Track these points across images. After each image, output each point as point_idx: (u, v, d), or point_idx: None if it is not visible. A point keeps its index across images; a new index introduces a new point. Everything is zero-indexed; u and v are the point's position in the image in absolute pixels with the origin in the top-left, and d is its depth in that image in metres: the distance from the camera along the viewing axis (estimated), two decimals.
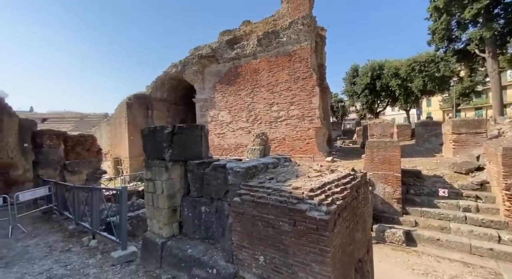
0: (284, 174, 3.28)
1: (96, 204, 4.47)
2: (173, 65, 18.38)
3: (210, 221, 3.50)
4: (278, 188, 2.72)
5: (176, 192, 3.69)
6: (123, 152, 18.25)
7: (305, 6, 13.48)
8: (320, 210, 2.28)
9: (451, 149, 10.24)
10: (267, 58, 14.49)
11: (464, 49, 17.49)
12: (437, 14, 16.36)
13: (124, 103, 18.26)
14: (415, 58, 24.35)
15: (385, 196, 7.93)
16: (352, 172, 3.30)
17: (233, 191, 3.22)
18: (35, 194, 6.08)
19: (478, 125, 9.65)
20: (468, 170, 7.94)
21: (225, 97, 16.38)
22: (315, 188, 2.55)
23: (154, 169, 3.68)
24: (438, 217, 7.04)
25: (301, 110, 13.49)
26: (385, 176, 7.99)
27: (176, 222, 3.71)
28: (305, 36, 13.19)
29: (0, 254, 4.16)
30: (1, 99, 8.32)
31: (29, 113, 36.74)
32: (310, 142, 13.32)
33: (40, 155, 7.97)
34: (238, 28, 16.82)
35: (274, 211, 2.51)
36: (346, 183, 2.88)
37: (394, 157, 7.91)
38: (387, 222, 7.48)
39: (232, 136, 16.29)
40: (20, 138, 8.46)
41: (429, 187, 7.92)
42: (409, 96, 26.29)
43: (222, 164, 3.50)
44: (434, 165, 9.40)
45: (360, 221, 3.07)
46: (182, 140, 3.71)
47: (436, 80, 23.17)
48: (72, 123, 34.10)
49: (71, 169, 7.79)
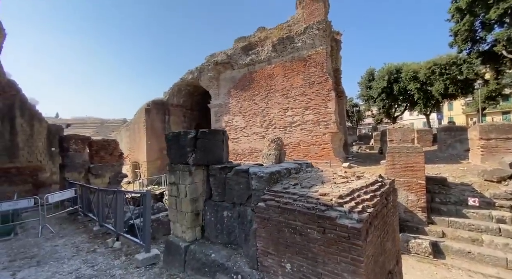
0: (308, 180, 3.22)
1: (120, 206, 4.60)
2: (190, 72, 18.86)
3: (233, 226, 3.49)
4: (304, 194, 2.67)
5: (199, 196, 3.72)
6: (141, 156, 18.79)
7: (321, 11, 13.45)
8: (351, 217, 2.21)
9: (479, 155, 9.67)
10: (282, 63, 14.53)
11: (490, 50, 16.67)
12: (459, 15, 15.78)
13: (143, 108, 18.90)
14: (435, 61, 23.45)
15: (408, 204, 7.59)
16: (380, 179, 3.19)
17: (256, 196, 3.20)
18: (63, 195, 6.36)
19: (509, 130, 9.05)
20: (500, 178, 7.44)
21: (240, 103, 16.52)
22: (344, 195, 2.48)
23: (178, 173, 3.74)
24: (468, 228, 6.61)
25: (316, 115, 13.33)
26: (408, 183, 7.67)
27: (199, 226, 3.73)
28: (321, 40, 13.12)
29: (32, 253, 4.35)
30: (33, 106, 8.87)
31: (55, 119, 38.89)
32: (326, 147, 13.08)
33: (66, 158, 8.37)
34: (253, 34, 17.04)
35: (302, 218, 2.45)
36: (375, 190, 2.78)
37: (417, 163, 7.58)
38: (411, 232, 7.12)
39: (247, 141, 16.33)
40: (48, 142, 8.94)
41: (457, 195, 7.49)
42: (429, 100, 25.27)
43: (244, 169, 3.49)
44: (461, 172, 8.91)
45: (390, 230, 2.94)
46: (204, 145, 3.75)
47: (459, 83, 22.14)
48: (93, 128, 35.69)
49: (95, 172, 8.10)
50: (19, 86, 8.37)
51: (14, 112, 8.02)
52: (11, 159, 7.88)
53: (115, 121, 38.99)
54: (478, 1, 14.19)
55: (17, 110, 8.09)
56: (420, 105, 26.36)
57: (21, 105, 8.24)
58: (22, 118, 8.20)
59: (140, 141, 19.03)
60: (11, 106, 7.97)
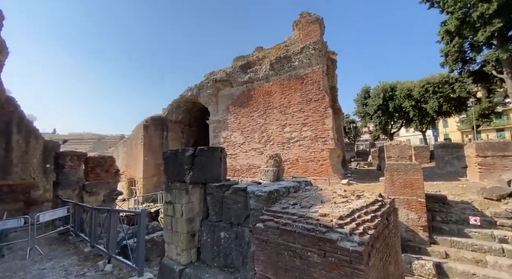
0: (308, 199, 3.17)
1: (114, 226, 4.45)
2: (189, 89, 19.18)
3: (230, 247, 3.37)
4: (303, 215, 2.61)
5: (195, 215, 3.62)
6: (137, 172, 18.53)
7: (316, 32, 14.03)
8: (352, 240, 2.15)
9: (477, 172, 9.67)
10: (280, 81, 14.87)
11: (480, 70, 17.26)
12: (448, 37, 16.49)
13: (141, 125, 18.94)
14: (428, 80, 24.20)
15: (409, 223, 7.44)
16: (380, 198, 3.14)
17: (254, 216, 3.13)
18: (54, 214, 6.15)
19: (505, 148, 9.15)
20: (500, 196, 7.39)
21: (238, 119, 16.67)
22: (344, 216, 2.43)
23: (174, 191, 3.67)
24: (471, 249, 6.43)
25: (314, 131, 13.43)
26: (408, 201, 7.56)
27: (195, 247, 3.59)
28: (317, 60, 13.55)
29: (18, 277, 4.12)
30: (30, 122, 8.85)
31: (52, 135, 38.70)
32: (324, 164, 13.04)
33: (61, 175, 8.21)
34: (251, 54, 17.60)
35: (301, 240, 2.38)
36: (375, 210, 2.73)
37: (416, 181, 7.54)
38: (414, 252, 6.91)
39: (244, 157, 16.26)
40: (43, 158, 8.81)
41: (458, 214, 7.37)
42: (424, 117, 25.74)
43: (242, 187, 3.45)
44: (460, 190, 8.85)
45: (392, 252, 2.85)
46: (202, 162, 3.72)
47: (452, 101, 22.71)
48: (90, 144, 35.43)
49: (89, 190, 7.92)
50: (17, 103, 8.40)
51: (11, 128, 7.97)
52: (4, 176, 7.71)
53: (113, 137, 38.83)
54: (466, 25, 14.91)
55: (14, 126, 8.05)
56: (415, 122, 26.79)
57: (19, 122, 8.21)
58: (19, 134, 8.14)
59: (137, 157, 18.86)
60: (8, 123, 7.94)
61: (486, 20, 13.61)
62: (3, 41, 7.73)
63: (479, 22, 13.96)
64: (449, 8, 15.09)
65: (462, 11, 14.56)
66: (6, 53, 7.93)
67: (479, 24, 14.03)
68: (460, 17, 14.68)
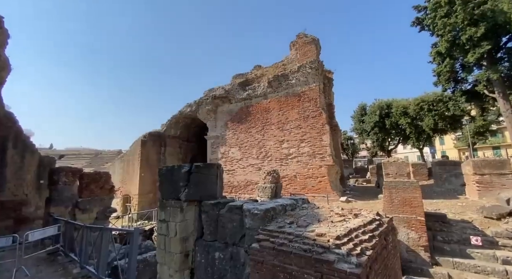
0: (305, 217, 3.12)
1: (105, 245, 4.29)
2: (188, 105, 19.45)
3: (225, 269, 3.25)
4: (300, 234, 2.56)
5: (189, 234, 3.53)
6: (133, 189, 18.21)
7: (313, 52, 14.57)
8: (349, 261, 2.09)
9: (476, 190, 9.62)
10: (277, 98, 15.16)
11: (472, 90, 17.75)
12: (440, 58, 17.13)
13: (139, 140, 18.93)
14: (422, 98, 24.75)
15: (409, 243, 7.25)
16: (378, 217, 3.10)
17: (250, 235, 3.06)
18: (44, 233, 5.94)
19: (501, 166, 9.18)
20: (500, 215, 7.30)
21: (236, 134, 16.75)
22: (342, 236, 2.38)
23: (169, 209, 3.60)
24: (474, 270, 6.23)
25: (312, 147, 13.48)
26: (407, 220, 7.44)
27: (188, 269, 3.46)
28: (313, 78, 13.94)
29: None
30: (27, 137, 8.83)
31: (48, 150, 38.44)
32: (323, 180, 12.94)
33: (54, 192, 8.03)
34: (250, 72, 18.11)
35: (298, 261, 2.31)
36: (373, 230, 2.69)
37: (415, 199, 7.47)
38: (416, 274, 6.67)
39: (242, 173, 16.13)
40: (38, 174, 8.68)
41: (459, 233, 7.23)
42: (421, 134, 26.01)
43: (238, 205, 3.40)
44: (460, 208, 8.75)
45: (392, 274, 2.76)
46: (198, 179, 3.69)
47: (447, 119, 23.10)
48: (87, 160, 35.13)
49: (82, 207, 7.72)
50: (16, 118, 8.43)
51: (7, 144, 7.91)
52: None
53: (110, 152, 38.60)
54: (456, 47, 15.56)
55: (11, 141, 8.00)
56: (412, 139, 27.02)
57: (16, 137, 8.18)
58: (15, 149, 8.07)
59: (133, 173, 18.64)
60: (5, 138, 7.90)
61: (475, 42, 14.24)
62: (7, 58, 7.93)
63: (469, 44, 14.58)
64: (438, 31, 15.83)
65: (452, 34, 15.26)
66: (8, 69, 8.09)
67: (469, 46, 14.65)
68: (450, 39, 15.35)
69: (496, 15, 13.45)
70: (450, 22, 14.90)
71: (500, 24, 13.55)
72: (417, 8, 17.89)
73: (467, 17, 14.13)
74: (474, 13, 14.07)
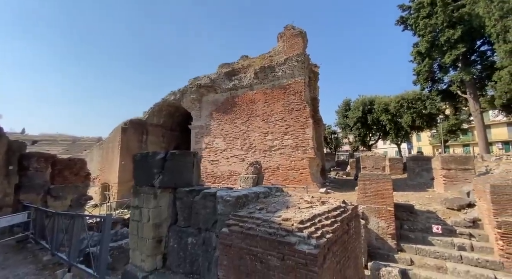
0: (275, 204, 3.25)
1: (77, 232, 4.23)
2: (172, 93, 18.96)
3: (197, 253, 3.33)
4: (267, 219, 2.68)
5: (163, 221, 3.56)
6: (112, 177, 17.73)
7: (300, 45, 14.59)
8: (309, 243, 2.23)
9: (442, 184, 10.33)
10: (263, 90, 15.16)
11: (447, 90, 18.75)
12: (420, 58, 17.87)
13: (120, 127, 18.30)
14: (403, 96, 25.81)
15: (379, 231, 7.73)
16: (343, 205, 3.29)
17: (222, 221, 3.15)
18: (12, 220, 5.72)
19: (466, 162, 9.90)
20: (460, 206, 7.93)
21: (221, 125, 16.66)
22: (305, 220, 2.52)
23: (142, 196, 3.60)
24: (433, 256, 6.80)
25: (295, 140, 13.72)
26: (378, 210, 7.89)
27: (160, 254, 3.51)
28: (299, 71, 14.03)
29: None
30: None
31: (20, 135, 36.17)
32: (304, 172, 13.29)
33: (24, 178, 7.67)
34: (237, 61, 17.87)
35: (263, 244, 2.43)
36: (336, 216, 2.86)
37: (386, 190, 7.90)
38: (382, 259, 7.16)
39: (226, 164, 16.18)
40: (6, 159, 8.21)
41: (423, 222, 7.79)
42: (399, 130, 27.24)
43: (212, 192, 3.46)
44: (427, 200, 9.38)
45: (352, 256, 2.97)
46: (173, 167, 3.70)
47: (424, 116, 24.33)
48: (64, 146, 33.54)
49: (55, 194, 7.45)
50: None
51: None
52: None
53: (89, 139, 37.06)
54: (435, 47, 16.26)
55: None
56: (391, 135, 28.23)
57: None
58: None
59: (113, 161, 18.10)
60: None
61: (452, 44, 14.93)
62: None
63: (446, 46, 15.27)
64: (420, 31, 16.39)
65: (432, 35, 15.86)
66: None
67: (446, 48, 15.34)
68: (430, 40, 15.98)
69: (472, 19, 14.11)
70: (431, 23, 15.46)
71: (476, 27, 14.26)
72: (402, 7, 18.35)
73: (447, 19, 14.73)
74: (453, 15, 14.67)
